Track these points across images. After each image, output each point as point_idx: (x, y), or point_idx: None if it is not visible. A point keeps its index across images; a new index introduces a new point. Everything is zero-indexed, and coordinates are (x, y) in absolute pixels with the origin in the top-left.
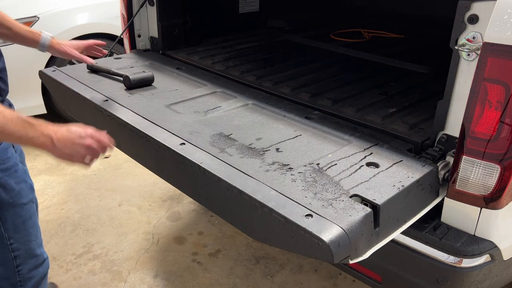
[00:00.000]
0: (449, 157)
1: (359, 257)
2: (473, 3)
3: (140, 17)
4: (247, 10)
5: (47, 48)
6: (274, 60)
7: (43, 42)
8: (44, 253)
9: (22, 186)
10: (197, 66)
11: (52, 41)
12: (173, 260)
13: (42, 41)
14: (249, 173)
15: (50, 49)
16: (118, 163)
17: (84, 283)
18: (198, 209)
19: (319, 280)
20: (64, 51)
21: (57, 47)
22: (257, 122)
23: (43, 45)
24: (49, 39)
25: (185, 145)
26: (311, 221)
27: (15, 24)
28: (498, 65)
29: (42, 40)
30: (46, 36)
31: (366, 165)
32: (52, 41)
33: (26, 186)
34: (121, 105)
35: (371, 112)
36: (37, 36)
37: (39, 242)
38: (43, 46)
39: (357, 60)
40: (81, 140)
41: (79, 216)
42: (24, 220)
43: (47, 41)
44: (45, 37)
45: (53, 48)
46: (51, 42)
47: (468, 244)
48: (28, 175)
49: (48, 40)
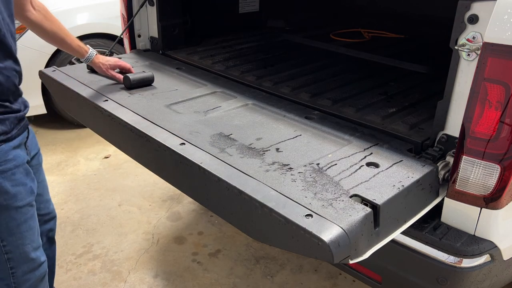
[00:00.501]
0: (449, 157)
1: (359, 257)
2: (473, 3)
3: (140, 17)
4: (247, 10)
5: (91, 63)
6: (274, 60)
7: (89, 57)
8: (41, 257)
9: (19, 189)
10: (197, 66)
11: (94, 59)
12: (173, 260)
13: (88, 56)
14: (249, 173)
15: (93, 64)
16: (118, 163)
17: (84, 283)
18: (198, 209)
19: (319, 280)
20: (101, 71)
21: (96, 65)
22: (257, 122)
23: (88, 59)
24: (93, 56)
25: (185, 145)
26: (311, 221)
27: (68, 36)
28: (498, 65)
29: (88, 55)
30: (92, 52)
31: (366, 165)
32: (95, 59)
33: (25, 189)
34: (121, 105)
35: (371, 112)
36: (84, 52)
37: (35, 245)
38: (88, 60)
39: (357, 60)
40: None
41: (79, 216)
42: (19, 223)
43: (91, 57)
44: (91, 53)
45: (94, 65)
46: (93, 59)
47: (468, 244)
48: (32, 178)
49: (92, 56)
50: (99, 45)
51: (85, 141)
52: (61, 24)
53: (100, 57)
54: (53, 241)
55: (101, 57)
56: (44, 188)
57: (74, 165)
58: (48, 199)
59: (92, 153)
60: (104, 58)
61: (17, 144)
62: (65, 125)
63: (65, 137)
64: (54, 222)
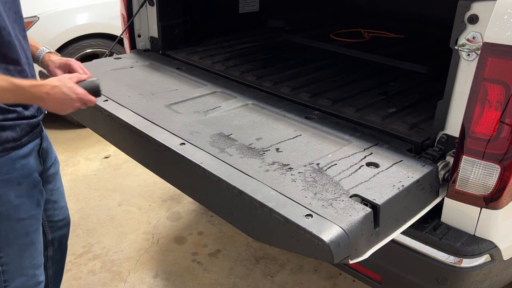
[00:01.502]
0: (449, 157)
1: (359, 257)
2: (473, 3)
3: (140, 17)
4: (247, 10)
5: (41, 62)
6: (274, 60)
7: (38, 55)
8: (39, 276)
9: (23, 201)
10: (197, 66)
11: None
12: (173, 260)
13: (37, 54)
14: (249, 173)
15: (42, 63)
16: (118, 163)
17: (84, 283)
18: (198, 209)
19: (319, 280)
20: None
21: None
22: (257, 122)
23: (37, 58)
24: (43, 53)
25: (185, 145)
26: (311, 221)
27: None
28: (498, 65)
29: (38, 53)
30: (43, 49)
31: (366, 165)
32: (45, 56)
33: (30, 201)
34: (121, 105)
35: (371, 112)
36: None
37: (34, 262)
38: (38, 59)
39: (357, 60)
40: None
41: (79, 216)
42: (18, 235)
43: (41, 55)
44: (42, 50)
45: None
46: (44, 57)
47: (468, 244)
48: (40, 189)
49: (42, 53)
50: (99, 45)
51: (85, 141)
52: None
53: (52, 55)
54: (65, 247)
55: (53, 56)
56: (60, 194)
57: (74, 165)
58: (63, 206)
59: (92, 153)
60: (56, 57)
61: (27, 152)
62: (65, 125)
63: (65, 137)
64: (68, 227)
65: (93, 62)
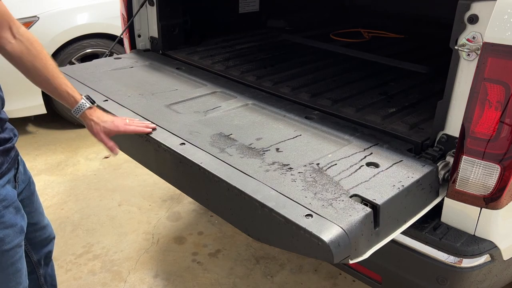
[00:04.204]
0: (449, 157)
1: (359, 257)
2: (473, 3)
3: (140, 17)
4: (247, 10)
5: (81, 117)
6: (274, 60)
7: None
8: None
9: (7, 232)
10: (197, 66)
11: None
12: (173, 260)
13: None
14: (249, 173)
15: (83, 119)
16: (118, 163)
17: (84, 283)
18: (198, 209)
19: (319, 280)
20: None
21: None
22: (257, 122)
23: (77, 111)
24: (84, 109)
25: (185, 145)
26: (311, 221)
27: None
28: (498, 65)
29: (78, 106)
30: (83, 104)
31: (366, 165)
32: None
33: (14, 230)
34: (121, 105)
35: (371, 112)
36: (74, 101)
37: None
38: (77, 113)
39: (357, 60)
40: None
41: (79, 216)
42: (4, 267)
43: (82, 110)
44: (82, 104)
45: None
46: (85, 113)
47: (468, 244)
48: (22, 214)
49: (83, 109)
50: (99, 45)
51: (85, 141)
52: (49, 60)
53: (95, 113)
54: (51, 259)
55: (97, 114)
56: (40, 215)
57: (74, 165)
58: (45, 225)
59: (92, 153)
60: (101, 117)
61: (6, 181)
62: (65, 125)
63: (65, 137)
64: (53, 243)
65: (93, 62)
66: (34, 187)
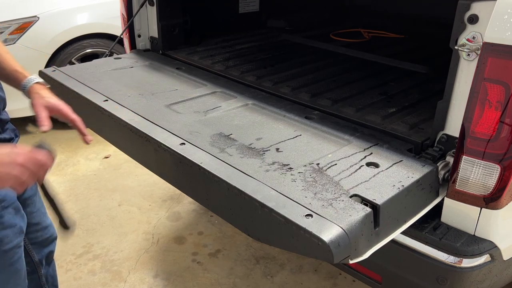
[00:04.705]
0: (449, 157)
1: (359, 257)
2: (473, 3)
3: (140, 17)
4: (247, 10)
5: (28, 92)
6: (274, 60)
7: (25, 84)
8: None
9: (6, 233)
10: (197, 66)
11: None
12: (173, 260)
13: (24, 83)
14: (249, 173)
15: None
16: (118, 163)
17: (84, 283)
18: (198, 209)
19: (319, 280)
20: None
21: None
22: (257, 122)
23: (24, 87)
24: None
25: (185, 145)
26: (311, 221)
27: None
28: (498, 65)
29: (25, 82)
30: (31, 79)
31: (366, 165)
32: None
33: (13, 231)
34: (121, 105)
35: (371, 112)
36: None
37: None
38: (25, 88)
39: (357, 60)
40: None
41: (79, 216)
42: (3, 267)
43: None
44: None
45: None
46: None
47: (468, 244)
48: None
49: (30, 83)
50: (99, 45)
51: None
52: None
53: (43, 90)
54: (52, 259)
55: (45, 91)
56: (42, 215)
57: (74, 165)
58: (47, 225)
59: (92, 153)
60: (46, 93)
61: None
62: (65, 125)
63: (65, 137)
64: (54, 243)
65: (93, 62)
66: (36, 187)
